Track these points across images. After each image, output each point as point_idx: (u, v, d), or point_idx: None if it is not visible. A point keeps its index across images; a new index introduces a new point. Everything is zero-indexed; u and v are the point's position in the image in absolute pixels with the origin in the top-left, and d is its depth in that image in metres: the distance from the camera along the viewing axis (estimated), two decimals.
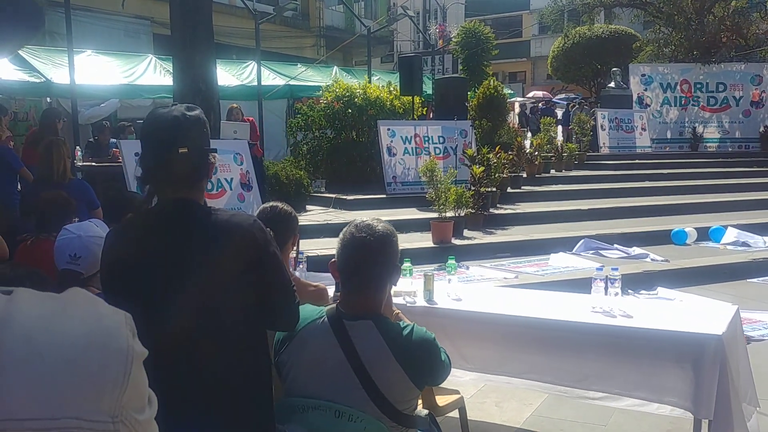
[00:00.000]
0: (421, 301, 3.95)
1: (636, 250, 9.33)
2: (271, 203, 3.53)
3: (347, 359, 2.27)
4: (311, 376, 2.34)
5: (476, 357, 3.73)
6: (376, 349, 2.27)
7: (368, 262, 2.33)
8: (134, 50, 15.56)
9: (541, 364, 3.59)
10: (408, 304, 3.92)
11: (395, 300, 3.97)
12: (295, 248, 3.55)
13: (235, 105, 10.63)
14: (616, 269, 3.79)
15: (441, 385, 3.96)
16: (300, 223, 10.47)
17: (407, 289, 4.02)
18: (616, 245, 9.51)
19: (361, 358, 2.26)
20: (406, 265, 4.06)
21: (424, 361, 2.35)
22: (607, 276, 3.75)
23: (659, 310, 3.88)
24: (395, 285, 2.53)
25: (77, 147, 10.39)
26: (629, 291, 7.57)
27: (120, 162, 8.66)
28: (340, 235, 2.40)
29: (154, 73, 14.39)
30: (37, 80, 12.33)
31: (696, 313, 3.76)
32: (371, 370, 2.26)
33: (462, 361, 3.75)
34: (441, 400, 3.58)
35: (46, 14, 12.62)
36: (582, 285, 7.59)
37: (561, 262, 8.83)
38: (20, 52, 12.58)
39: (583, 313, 3.65)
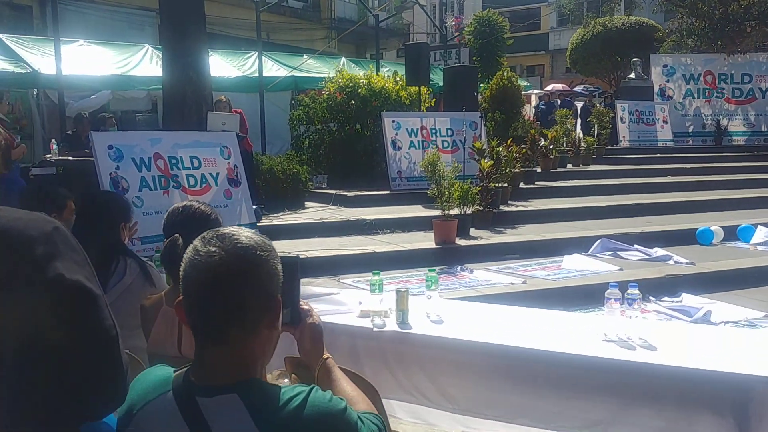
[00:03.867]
0: (392, 325, 3.21)
1: (658, 252, 8.58)
2: (184, 203, 2.82)
3: None
4: None
5: (459, 396, 3.00)
6: None
7: (220, 293, 1.48)
8: (138, 42, 14.91)
9: (540, 406, 2.85)
10: (375, 329, 3.19)
11: (359, 323, 3.26)
12: None
13: (223, 97, 9.97)
14: (635, 286, 3.03)
15: None
16: (292, 222, 9.63)
17: (376, 309, 3.29)
18: (635, 246, 8.75)
19: None
20: (375, 278, 3.34)
21: None
22: (624, 295, 2.99)
23: (690, 339, 3.08)
24: (276, 326, 1.58)
25: (52, 140, 9.79)
26: (650, 298, 6.85)
27: None
28: (184, 255, 1.57)
29: (150, 63, 13.79)
30: (23, 71, 11.75)
31: (740, 344, 2.99)
32: None
33: (442, 400, 3.03)
34: None
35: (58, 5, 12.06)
36: (597, 292, 6.83)
37: (575, 265, 8.07)
38: (5, 40, 12.03)
39: (593, 342, 2.91)
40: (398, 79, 13.49)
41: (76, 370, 1.37)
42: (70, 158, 9.03)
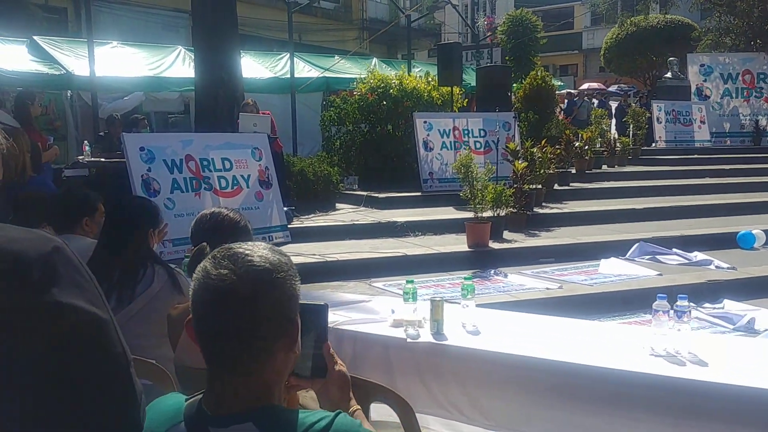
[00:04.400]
0: (426, 335, 3.09)
1: (698, 256, 8.32)
2: (212, 209, 2.72)
3: None
4: None
5: (496, 411, 2.86)
6: None
7: (232, 317, 1.37)
8: (172, 44, 14.96)
9: (582, 424, 2.70)
10: (409, 340, 3.06)
11: (392, 333, 3.15)
12: None
13: (250, 100, 9.91)
14: (685, 297, 2.87)
15: None
16: (323, 223, 9.53)
17: (410, 318, 3.16)
18: (675, 250, 8.51)
19: None
20: (409, 286, 3.22)
21: None
22: (674, 307, 2.84)
23: (743, 353, 2.90)
24: (294, 349, 1.47)
25: (85, 142, 9.83)
26: (691, 304, 6.60)
27: None
28: (194, 274, 1.45)
29: (183, 65, 13.81)
30: (57, 72, 11.83)
31: None
32: None
33: (477, 416, 2.89)
34: None
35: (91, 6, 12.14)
36: (636, 298, 6.72)
37: (612, 270, 7.86)
38: (40, 42, 12.13)
39: (639, 356, 2.76)
40: (430, 79, 13.36)
41: (84, 402, 1.27)
42: (103, 160, 9.05)
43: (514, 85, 17.57)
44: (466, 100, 14.91)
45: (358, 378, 2.53)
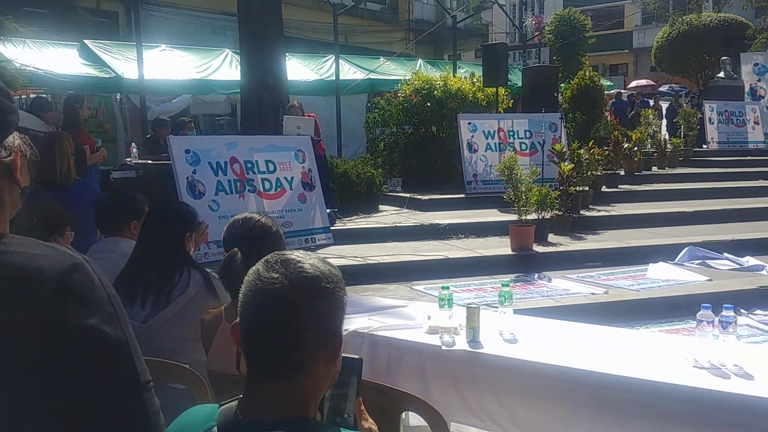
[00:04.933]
0: (462, 343, 3.03)
1: (750, 261, 8.09)
2: (245, 214, 2.71)
3: None
4: None
5: (532, 423, 2.80)
6: None
7: (279, 323, 1.36)
8: (220, 47, 15.17)
9: None
10: (444, 347, 3.01)
11: (427, 340, 3.10)
12: None
13: (295, 102, 9.95)
14: (731, 308, 2.76)
15: None
16: (365, 226, 9.50)
17: (445, 325, 3.11)
18: (725, 254, 8.28)
19: None
20: (445, 293, 3.16)
21: None
22: (719, 317, 2.73)
23: None
24: (335, 363, 1.46)
25: (132, 144, 9.99)
26: (741, 311, 6.42)
27: None
28: (245, 277, 1.46)
29: (229, 68, 13.98)
30: (107, 75, 12.08)
31: None
32: None
33: (513, 427, 2.83)
34: None
35: (141, 10, 12.38)
36: (685, 304, 6.52)
37: (661, 275, 7.67)
38: (90, 46, 12.40)
39: (681, 368, 2.66)
40: (475, 80, 13.25)
41: (89, 423, 1.24)
42: (149, 162, 9.19)
43: (562, 85, 17.35)
44: (512, 100, 14.75)
45: (390, 387, 2.50)
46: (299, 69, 15.07)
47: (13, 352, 1.18)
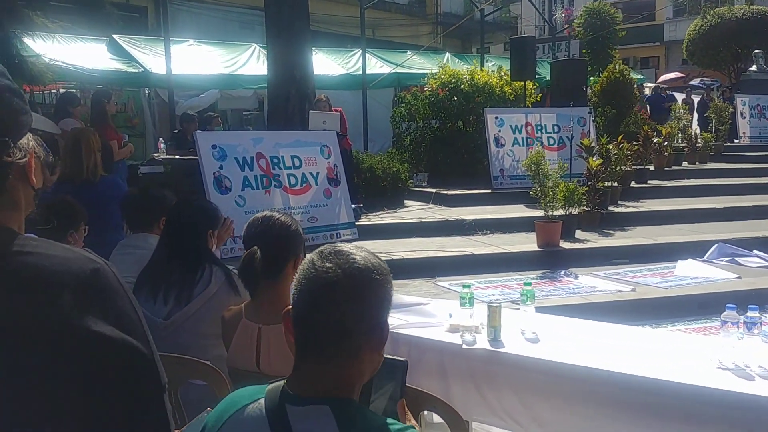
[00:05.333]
0: (483, 342, 3.01)
1: None
2: (264, 213, 2.71)
3: None
4: None
5: (554, 423, 2.77)
6: None
7: (330, 310, 1.44)
8: (248, 41, 15.22)
9: None
10: (465, 346, 2.99)
11: (448, 338, 3.09)
12: None
13: (322, 96, 9.96)
14: (756, 308, 2.71)
15: None
16: (390, 221, 9.49)
17: (466, 324, 3.09)
18: (756, 251, 8.13)
19: None
20: (465, 291, 3.15)
21: None
22: (744, 318, 2.68)
23: None
24: (381, 354, 1.54)
25: (160, 139, 10.06)
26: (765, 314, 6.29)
27: None
28: (300, 266, 1.54)
29: (257, 62, 14.01)
30: (135, 70, 12.18)
31: None
32: None
33: (535, 427, 2.81)
34: None
35: (170, 5, 12.47)
36: (713, 302, 6.40)
37: (689, 272, 7.55)
38: (119, 41, 12.51)
39: (705, 369, 2.61)
40: (503, 74, 13.16)
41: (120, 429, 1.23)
42: (177, 157, 9.25)
43: (591, 78, 17.16)
44: (540, 94, 14.64)
45: (409, 387, 2.49)
46: (326, 63, 15.07)
47: (32, 355, 1.16)
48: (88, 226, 3.74)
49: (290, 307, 1.52)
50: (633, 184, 11.60)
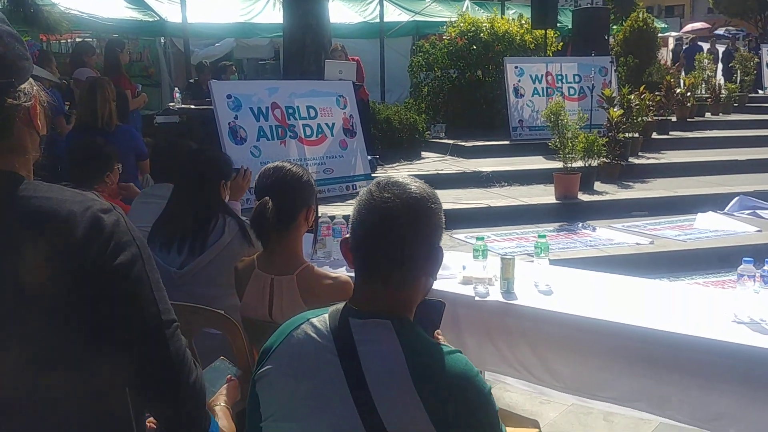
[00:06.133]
0: (496, 294, 2.99)
1: None
2: (276, 163, 2.69)
3: (345, 375, 1.47)
4: (294, 402, 1.52)
5: (568, 375, 2.76)
6: (389, 363, 1.45)
7: (391, 237, 1.53)
8: None
9: (657, 392, 2.57)
10: (477, 298, 2.98)
11: (461, 290, 3.07)
12: (311, 226, 2.70)
13: (338, 45, 9.79)
14: None
15: (511, 412, 3.05)
16: (406, 173, 9.46)
17: (479, 276, 3.07)
18: None
19: (365, 374, 1.45)
20: (479, 243, 3.12)
21: (459, 414, 1.43)
22: (761, 272, 2.64)
23: None
24: (434, 277, 1.63)
25: (175, 89, 10.00)
26: None
27: None
28: (357, 197, 1.61)
29: (273, 10, 13.82)
30: (151, 19, 12.06)
31: None
32: (376, 395, 1.43)
33: (548, 378, 2.80)
34: None
35: None
36: (733, 255, 6.30)
37: (709, 225, 7.47)
38: None
39: (721, 323, 2.58)
40: (523, 22, 12.90)
41: (117, 361, 1.30)
42: (192, 107, 9.20)
43: (614, 27, 16.80)
44: (561, 43, 14.34)
45: None
46: (342, 11, 14.82)
47: (44, 294, 1.21)
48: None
49: (347, 235, 1.61)
50: (654, 136, 11.43)
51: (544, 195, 8.33)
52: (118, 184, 4.15)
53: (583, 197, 8.21)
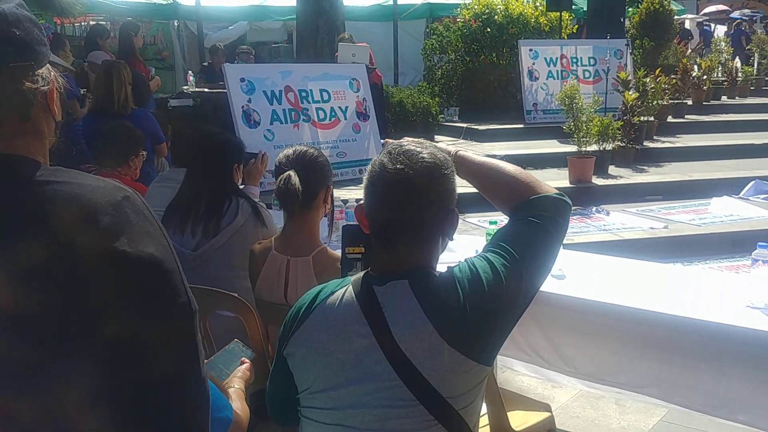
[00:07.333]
0: None
1: None
2: (293, 147, 2.72)
3: (377, 340, 1.55)
4: (330, 372, 1.59)
5: (578, 359, 2.76)
6: (411, 319, 1.54)
7: (409, 208, 1.58)
8: None
9: (668, 377, 2.56)
10: None
11: None
12: (328, 208, 2.73)
13: (345, 34, 9.72)
14: None
15: (523, 395, 3.06)
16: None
17: None
18: None
19: (394, 336, 1.53)
20: (492, 227, 3.12)
21: (479, 333, 1.56)
22: None
23: None
24: (451, 239, 1.70)
25: (189, 72, 10.02)
26: None
27: None
28: (369, 166, 1.66)
29: None
30: (164, 2, 12.07)
31: None
32: (409, 352, 1.52)
33: (559, 363, 2.80)
34: (518, 420, 2.61)
35: None
36: (747, 240, 6.29)
37: (724, 209, 7.43)
38: None
39: (735, 308, 2.57)
40: (538, 4, 12.79)
41: (146, 351, 1.23)
42: (206, 90, 9.22)
43: (629, 9, 16.63)
44: (576, 26, 14.22)
45: None
46: None
47: (70, 282, 1.18)
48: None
49: (361, 203, 1.66)
50: (670, 119, 11.36)
51: (558, 179, 8.30)
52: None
53: (597, 181, 8.18)
